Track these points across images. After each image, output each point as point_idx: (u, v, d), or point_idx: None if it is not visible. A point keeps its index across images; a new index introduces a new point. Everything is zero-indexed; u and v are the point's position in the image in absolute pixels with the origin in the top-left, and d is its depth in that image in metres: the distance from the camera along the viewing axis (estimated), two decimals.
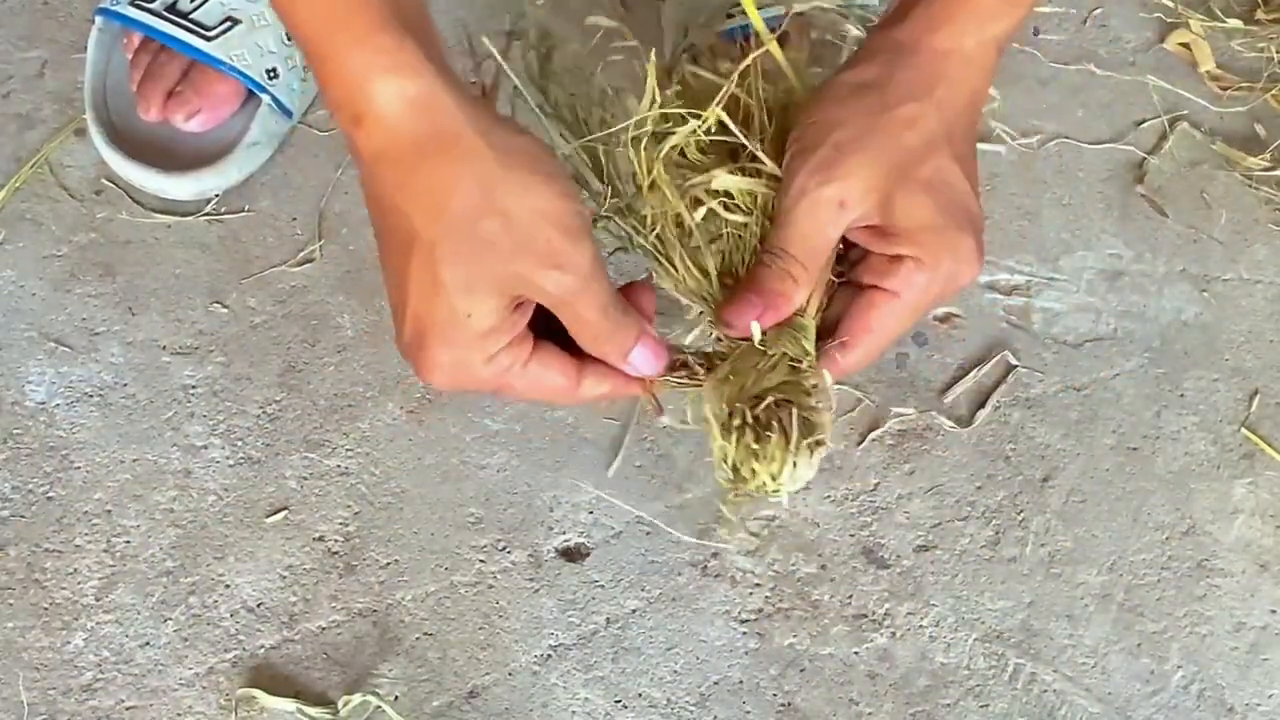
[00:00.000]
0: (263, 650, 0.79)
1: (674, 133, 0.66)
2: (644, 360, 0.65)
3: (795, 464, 0.63)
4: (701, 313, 0.68)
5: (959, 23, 0.64)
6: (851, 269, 0.68)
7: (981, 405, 0.86)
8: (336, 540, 0.81)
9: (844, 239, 0.66)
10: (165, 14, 0.86)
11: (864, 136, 0.63)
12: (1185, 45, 0.99)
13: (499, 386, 0.63)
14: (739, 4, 0.87)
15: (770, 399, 0.63)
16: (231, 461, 0.83)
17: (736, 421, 0.63)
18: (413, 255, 0.57)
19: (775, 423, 0.63)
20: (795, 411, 0.63)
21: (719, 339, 0.68)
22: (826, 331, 0.67)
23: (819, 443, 0.63)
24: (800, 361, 0.65)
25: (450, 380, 0.61)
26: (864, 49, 0.67)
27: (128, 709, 0.77)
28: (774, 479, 0.63)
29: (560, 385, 0.64)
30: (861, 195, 0.63)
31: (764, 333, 0.65)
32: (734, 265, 0.67)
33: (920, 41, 0.64)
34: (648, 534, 0.82)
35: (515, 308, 0.60)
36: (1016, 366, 0.88)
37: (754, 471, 0.63)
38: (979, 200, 0.66)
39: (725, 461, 0.64)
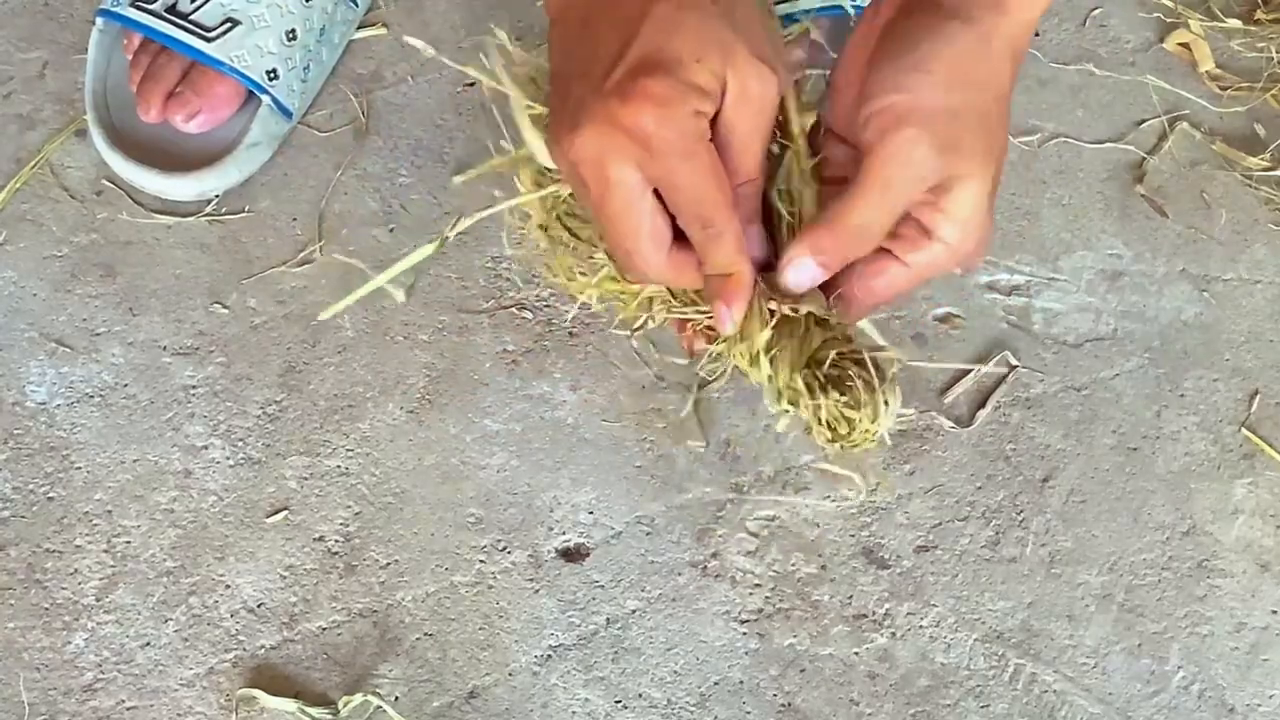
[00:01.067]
0: (263, 650, 0.79)
1: None
2: (728, 304, 0.63)
3: (887, 401, 0.65)
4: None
5: None
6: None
7: (981, 405, 0.86)
8: (337, 540, 0.81)
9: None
10: (165, 15, 0.86)
11: (956, 117, 0.61)
12: (1185, 45, 0.99)
13: (689, 150, 0.60)
14: None
15: (831, 355, 0.65)
16: (232, 462, 0.83)
17: (815, 385, 0.65)
18: (655, 2, 0.60)
19: (850, 373, 0.65)
20: (867, 356, 0.65)
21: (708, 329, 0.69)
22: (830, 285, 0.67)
23: (893, 377, 0.66)
24: (828, 316, 0.66)
25: (656, 116, 0.59)
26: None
27: (128, 709, 0.77)
28: (874, 421, 0.65)
29: (727, 189, 0.62)
30: (936, 174, 0.62)
31: (780, 305, 0.65)
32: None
33: (998, 16, 0.62)
34: (648, 534, 0.82)
35: (718, 93, 0.60)
36: (1016, 366, 0.88)
37: (852, 423, 0.65)
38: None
39: (821, 424, 0.66)
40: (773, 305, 0.65)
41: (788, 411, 0.66)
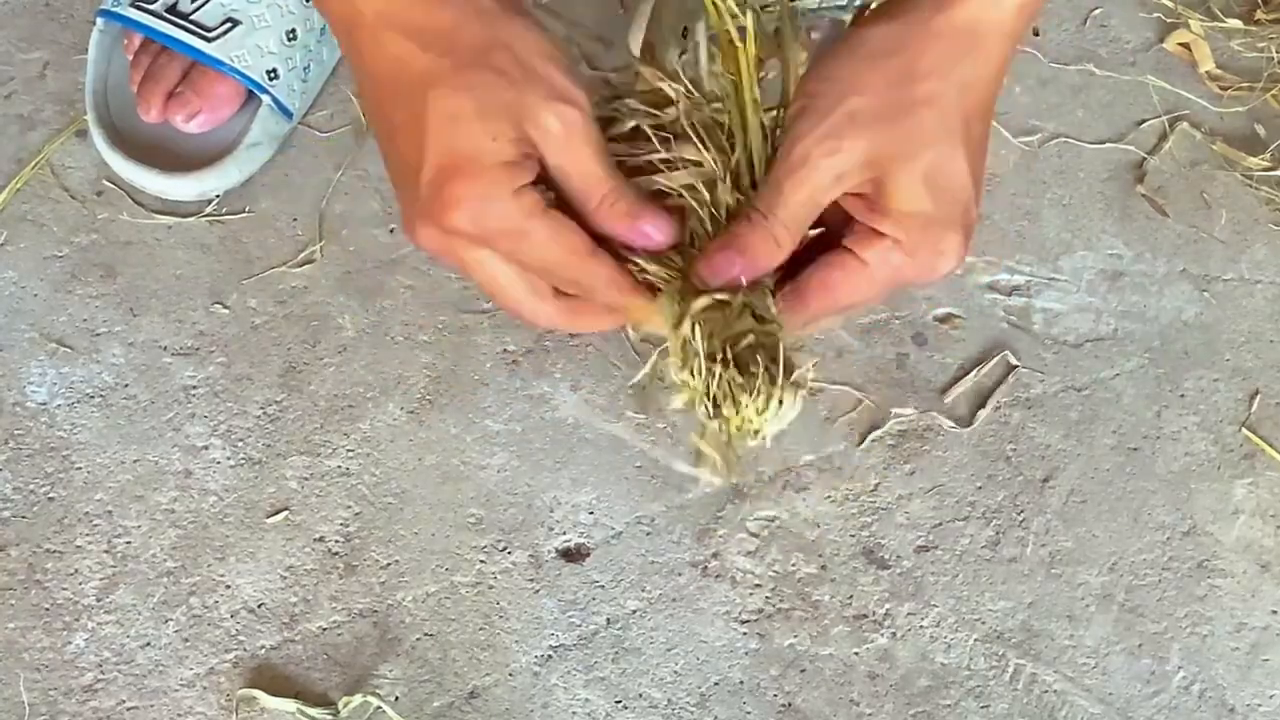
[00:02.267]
0: (263, 651, 0.79)
1: None
2: (656, 228, 0.63)
3: (780, 401, 0.62)
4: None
5: None
6: (837, 225, 0.67)
7: (981, 405, 0.86)
8: (337, 541, 0.81)
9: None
10: (166, 15, 0.86)
11: (880, 110, 0.61)
12: (1185, 45, 0.99)
13: (520, 230, 0.60)
14: None
15: (748, 339, 0.63)
16: (232, 462, 0.83)
17: (720, 356, 0.62)
18: (428, 93, 0.59)
19: (758, 360, 0.62)
20: (781, 347, 0.62)
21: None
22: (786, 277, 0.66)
23: (799, 384, 0.63)
24: (766, 314, 0.64)
25: (472, 216, 0.59)
26: (884, 4, 0.64)
27: (128, 709, 0.77)
28: (759, 414, 0.62)
29: (578, 244, 0.62)
30: (861, 171, 0.61)
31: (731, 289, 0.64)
32: (695, 229, 0.66)
33: (949, 4, 0.61)
34: (648, 534, 0.82)
35: (527, 156, 0.60)
36: (1017, 367, 0.88)
37: (738, 407, 0.62)
38: (979, 194, 0.65)
39: (708, 396, 0.63)
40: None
41: (686, 383, 0.64)
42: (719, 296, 0.64)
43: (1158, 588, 0.83)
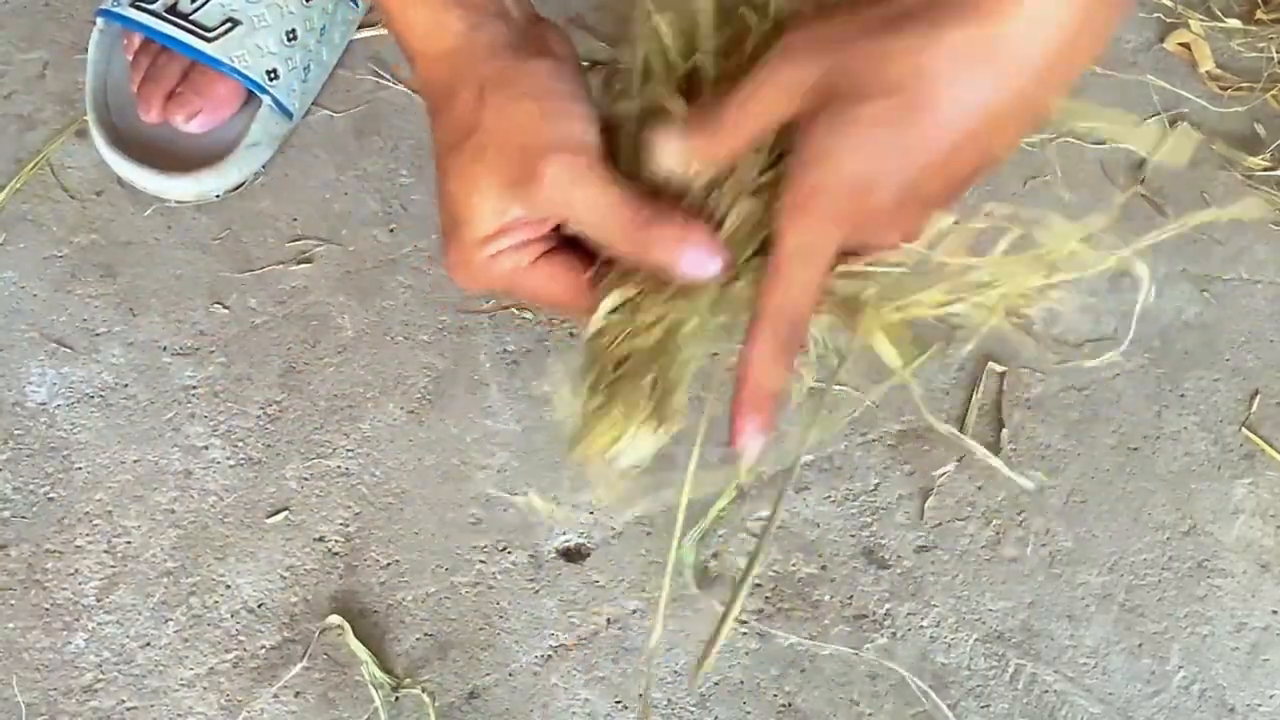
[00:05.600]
0: (263, 651, 0.79)
1: None
2: (698, 267, 0.60)
3: (635, 440, 0.61)
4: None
5: None
6: None
7: (982, 405, 0.86)
8: (337, 541, 0.81)
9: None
10: (166, 15, 0.86)
11: (899, 193, 0.56)
12: (1185, 45, 0.99)
13: (510, 287, 0.64)
14: None
15: (633, 364, 0.61)
16: (232, 462, 0.83)
17: (590, 379, 0.62)
18: (436, 167, 0.63)
19: (625, 392, 0.61)
20: (646, 384, 0.60)
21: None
22: None
23: (663, 423, 0.61)
24: (683, 329, 0.61)
25: (463, 279, 0.64)
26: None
27: (128, 709, 0.77)
28: (612, 444, 0.62)
29: (567, 291, 0.64)
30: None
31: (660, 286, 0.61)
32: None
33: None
34: (648, 534, 0.82)
35: (521, 221, 0.62)
36: (1017, 367, 0.88)
37: (593, 435, 0.62)
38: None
39: (569, 417, 0.63)
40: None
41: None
42: (617, 307, 0.61)
43: (1158, 588, 0.83)
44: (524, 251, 0.63)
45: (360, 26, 0.95)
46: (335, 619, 0.79)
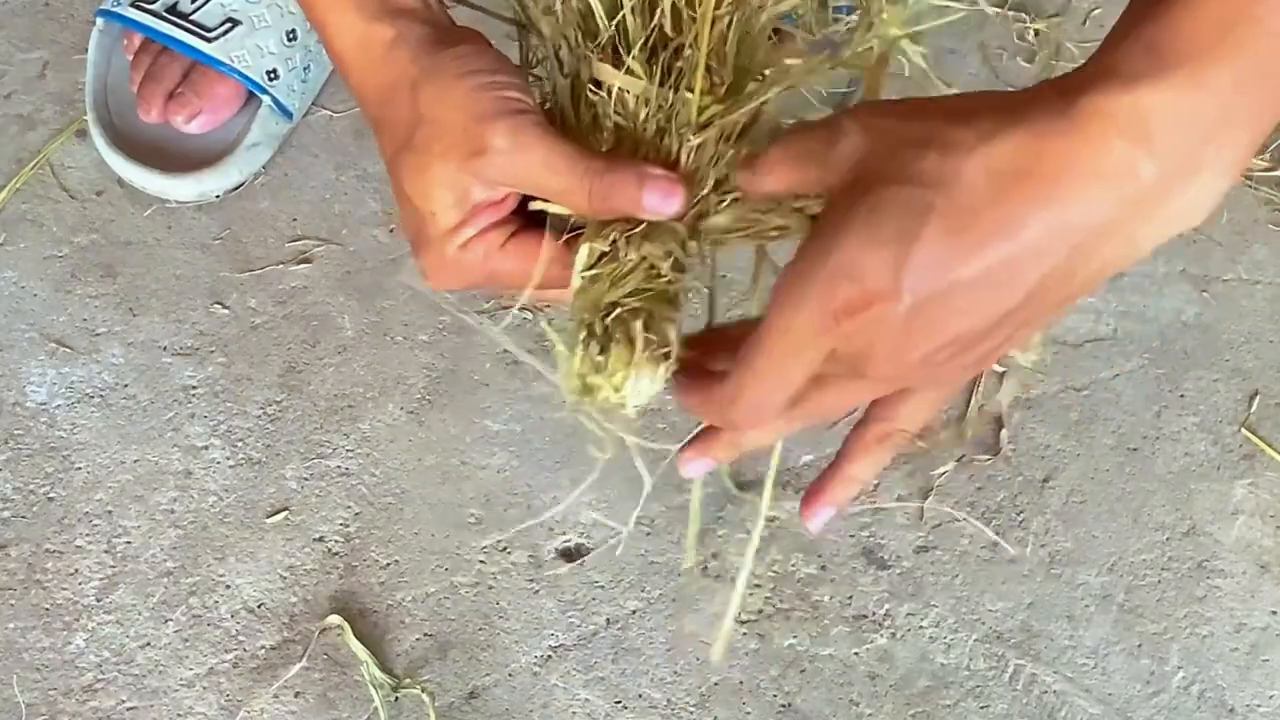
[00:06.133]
0: (263, 651, 0.79)
1: None
2: (663, 200, 0.59)
3: (638, 377, 0.60)
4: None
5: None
6: None
7: (982, 406, 0.86)
8: (337, 541, 0.81)
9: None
10: (166, 15, 0.86)
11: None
12: None
13: (489, 275, 0.63)
14: None
15: (621, 309, 0.60)
16: (232, 462, 0.83)
17: (583, 334, 0.60)
18: (390, 176, 0.62)
19: (620, 334, 0.60)
20: (639, 323, 0.59)
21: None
22: None
23: (665, 355, 0.60)
24: (662, 266, 0.60)
25: (441, 280, 0.63)
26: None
27: (128, 710, 0.77)
28: (616, 391, 0.60)
29: (541, 266, 0.62)
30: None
31: (632, 231, 0.61)
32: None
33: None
34: (648, 534, 0.82)
35: (486, 205, 0.61)
36: (1016, 367, 0.88)
37: (598, 385, 0.60)
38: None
39: (572, 375, 0.61)
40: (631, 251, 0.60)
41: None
42: (594, 261, 0.61)
43: (1157, 588, 0.83)
44: (492, 235, 0.63)
45: None
46: (335, 619, 0.79)
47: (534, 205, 0.62)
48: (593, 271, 0.62)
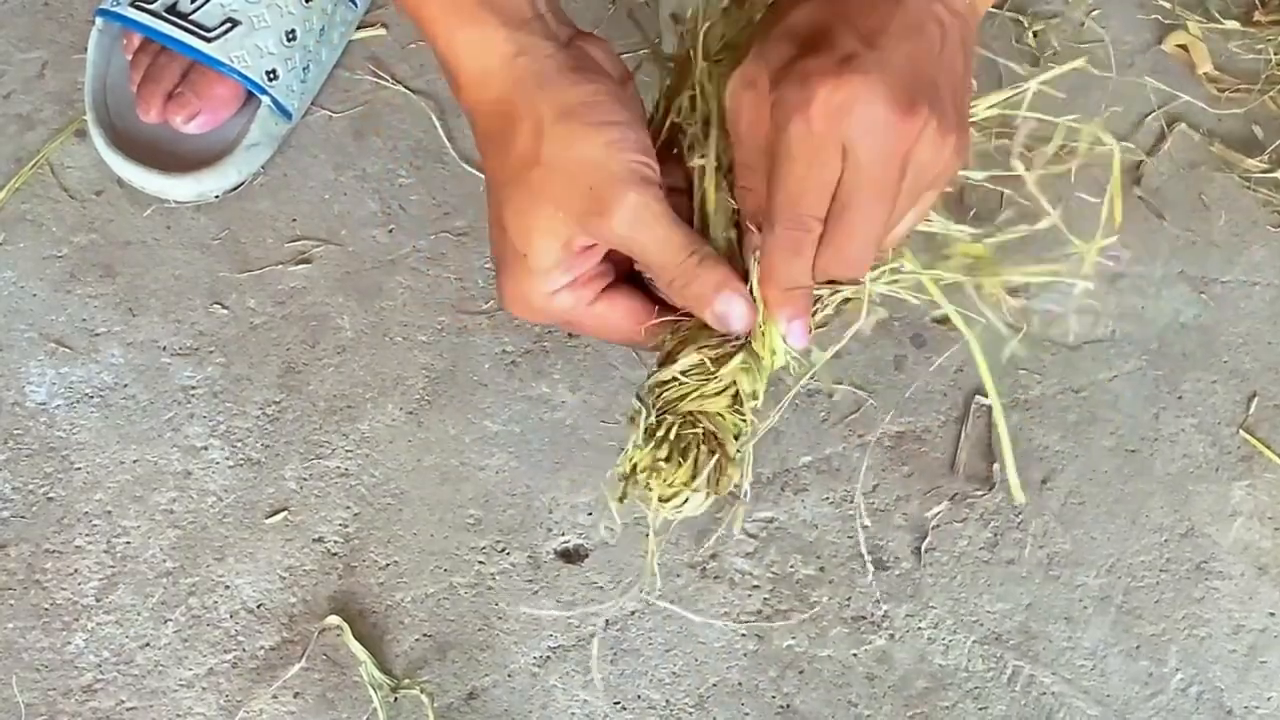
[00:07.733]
0: (262, 651, 0.79)
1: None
2: (730, 314, 0.62)
3: (688, 499, 0.63)
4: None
5: None
6: None
7: (980, 407, 0.87)
8: (336, 541, 0.82)
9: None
10: (165, 15, 0.86)
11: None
12: (1183, 47, 0.99)
13: (569, 322, 0.65)
14: None
15: (701, 427, 0.62)
16: (231, 463, 0.83)
17: (660, 432, 0.62)
18: (490, 197, 0.63)
19: (692, 451, 0.62)
20: (716, 455, 0.62)
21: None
22: None
23: (719, 489, 0.63)
24: (743, 401, 0.64)
25: (519, 311, 0.64)
26: None
27: (128, 710, 0.77)
28: (662, 501, 0.63)
29: (625, 329, 0.65)
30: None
31: (728, 355, 0.63)
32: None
33: None
34: (647, 535, 0.82)
35: (582, 250, 0.62)
36: (1015, 368, 0.88)
37: (649, 484, 0.63)
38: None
39: (630, 459, 0.63)
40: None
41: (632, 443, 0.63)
42: (693, 367, 0.63)
43: (1156, 589, 0.83)
44: (584, 291, 0.64)
45: (359, 27, 0.95)
46: (334, 619, 0.79)
47: (641, 271, 0.65)
48: (683, 376, 0.63)
